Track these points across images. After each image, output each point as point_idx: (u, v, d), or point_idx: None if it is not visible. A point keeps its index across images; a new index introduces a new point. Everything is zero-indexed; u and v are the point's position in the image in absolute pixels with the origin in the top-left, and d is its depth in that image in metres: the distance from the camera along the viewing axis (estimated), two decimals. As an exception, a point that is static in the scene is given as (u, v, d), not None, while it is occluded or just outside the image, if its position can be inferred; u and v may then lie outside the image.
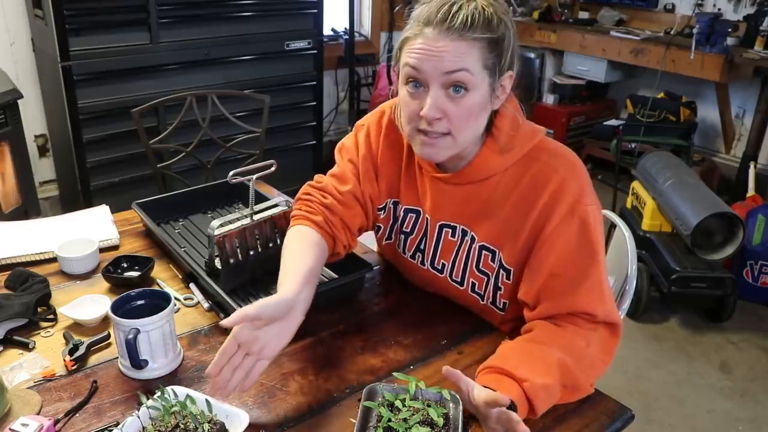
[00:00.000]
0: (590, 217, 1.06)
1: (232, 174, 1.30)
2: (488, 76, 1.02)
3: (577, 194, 1.06)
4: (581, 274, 1.05)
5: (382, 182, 1.26)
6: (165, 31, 2.84)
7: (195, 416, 0.89)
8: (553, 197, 1.06)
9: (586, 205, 1.06)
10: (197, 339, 1.16)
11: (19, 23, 2.95)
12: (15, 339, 1.13)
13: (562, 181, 1.07)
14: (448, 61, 0.98)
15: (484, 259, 1.16)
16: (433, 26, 0.99)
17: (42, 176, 3.26)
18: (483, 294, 1.20)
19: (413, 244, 1.27)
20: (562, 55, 4.44)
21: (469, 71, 0.99)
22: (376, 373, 1.07)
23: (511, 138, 1.10)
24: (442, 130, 1.03)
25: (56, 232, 1.50)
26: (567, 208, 1.06)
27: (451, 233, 1.19)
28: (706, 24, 3.48)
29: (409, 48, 1.02)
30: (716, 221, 2.64)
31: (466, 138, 1.06)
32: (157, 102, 2.16)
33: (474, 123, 1.05)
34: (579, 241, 1.06)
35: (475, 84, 1.01)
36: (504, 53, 1.02)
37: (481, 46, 0.99)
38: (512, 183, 1.11)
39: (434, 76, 1.00)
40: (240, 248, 1.29)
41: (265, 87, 3.07)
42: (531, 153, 1.10)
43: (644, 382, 2.41)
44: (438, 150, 1.06)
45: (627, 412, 1.01)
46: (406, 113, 1.07)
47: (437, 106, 1.01)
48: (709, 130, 4.12)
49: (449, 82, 1.00)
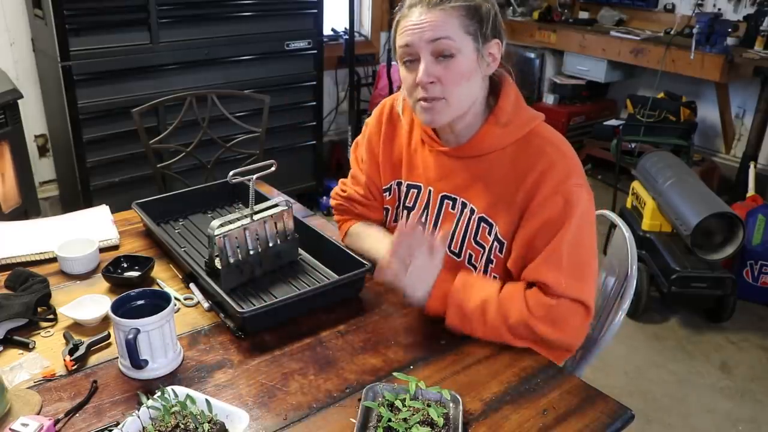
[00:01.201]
0: (574, 196, 1.13)
1: (232, 174, 1.30)
2: (472, 41, 1.13)
3: (564, 175, 1.14)
4: (551, 247, 1.12)
5: (385, 165, 1.38)
6: (165, 31, 2.84)
7: (195, 416, 0.89)
8: (541, 174, 1.15)
9: (572, 185, 1.14)
10: (197, 339, 1.16)
11: (19, 23, 2.95)
12: (15, 339, 1.13)
13: (551, 162, 1.15)
14: (431, 30, 1.10)
15: (481, 232, 1.23)
16: (417, 5, 1.13)
17: (42, 176, 3.26)
18: (477, 266, 1.25)
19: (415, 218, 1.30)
20: (562, 55, 4.44)
21: (451, 37, 1.11)
22: (376, 373, 1.07)
23: (513, 116, 1.20)
24: (436, 93, 1.13)
25: (56, 232, 1.50)
26: (552, 186, 1.14)
27: (452, 205, 1.27)
28: (706, 24, 3.48)
29: (401, 30, 1.15)
30: (716, 221, 2.64)
31: (460, 100, 1.16)
32: (157, 102, 2.16)
33: (466, 85, 1.15)
34: (558, 218, 1.13)
35: (459, 48, 1.11)
36: (484, 20, 1.13)
37: (460, 14, 1.11)
38: (508, 161, 1.20)
39: (422, 46, 1.12)
40: (240, 248, 1.29)
41: (265, 87, 3.06)
42: (528, 137, 1.19)
43: (644, 382, 2.41)
44: (436, 113, 1.16)
45: (627, 412, 1.01)
46: (406, 87, 1.19)
47: (428, 71, 1.12)
48: (709, 130, 4.12)
49: (436, 50, 1.11)
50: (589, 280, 1.15)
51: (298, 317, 1.22)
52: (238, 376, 1.06)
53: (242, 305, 1.18)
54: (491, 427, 0.96)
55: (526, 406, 1.01)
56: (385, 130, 1.38)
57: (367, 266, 1.28)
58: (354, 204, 1.43)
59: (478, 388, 1.04)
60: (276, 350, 1.13)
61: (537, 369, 1.10)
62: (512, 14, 4.76)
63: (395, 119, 1.37)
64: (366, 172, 1.42)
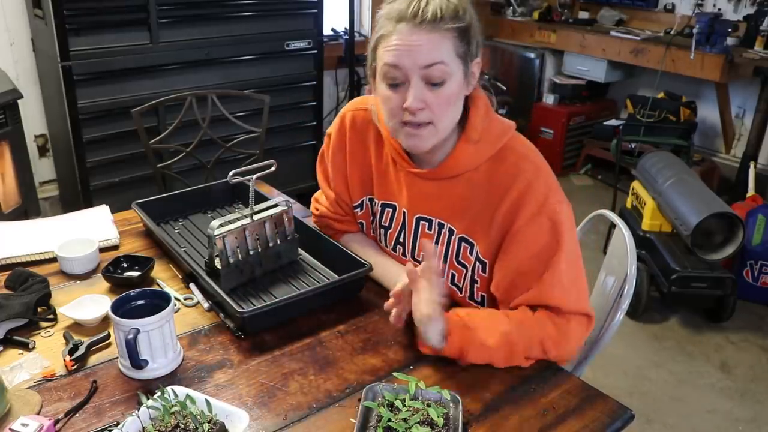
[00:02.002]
0: (559, 215, 1.10)
1: (232, 174, 1.30)
2: (462, 65, 1.08)
3: (544, 194, 1.11)
4: (549, 269, 1.10)
5: (354, 180, 1.34)
6: (165, 31, 2.84)
7: (195, 416, 0.89)
8: (520, 195, 1.11)
9: (553, 203, 1.11)
10: (197, 339, 1.16)
11: (19, 23, 2.95)
12: (15, 339, 1.13)
13: (528, 182, 1.11)
14: (425, 54, 1.04)
15: (463, 252, 1.20)
16: (406, 22, 1.04)
17: (42, 176, 3.26)
18: (461, 286, 1.23)
19: (392, 237, 1.32)
20: (562, 55, 4.44)
21: (445, 62, 1.05)
22: (376, 373, 1.07)
23: (484, 132, 1.16)
24: (425, 119, 1.08)
25: (56, 232, 1.49)
26: (535, 207, 1.10)
27: (428, 226, 1.24)
28: (706, 24, 3.48)
29: (385, 46, 1.07)
30: (716, 221, 2.64)
31: (446, 125, 1.12)
32: (157, 102, 2.16)
33: (453, 109, 1.11)
34: (548, 239, 1.10)
35: (451, 74, 1.07)
36: (472, 41, 1.09)
37: (453, 36, 1.05)
38: (483, 180, 1.16)
39: (414, 70, 1.05)
40: (240, 248, 1.29)
41: (265, 87, 3.06)
42: (501, 152, 1.15)
43: (644, 382, 2.41)
44: (422, 140, 1.11)
45: (627, 412, 1.01)
46: (388, 108, 1.12)
47: (419, 97, 1.06)
48: (709, 130, 4.12)
49: (429, 76, 1.05)
50: (585, 289, 1.15)
51: (298, 317, 1.22)
52: (238, 376, 1.06)
53: (242, 305, 1.18)
54: (491, 427, 0.96)
55: (526, 406, 1.01)
56: (351, 143, 1.32)
57: (367, 266, 1.27)
58: (330, 221, 1.41)
59: (478, 388, 1.04)
60: (276, 350, 1.13)
61: (537, 369, 1.10)
62: (512, 14, 4.76)
63: (360, 130, 1.31)
64: (334, 189, 1.38)
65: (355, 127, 1.31)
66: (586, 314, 1.13)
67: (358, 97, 1.36)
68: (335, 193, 1.38)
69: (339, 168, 1.36)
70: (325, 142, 1.39)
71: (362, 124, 1.30)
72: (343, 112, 1.34)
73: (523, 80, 4.61)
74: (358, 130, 1.31)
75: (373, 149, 1.29)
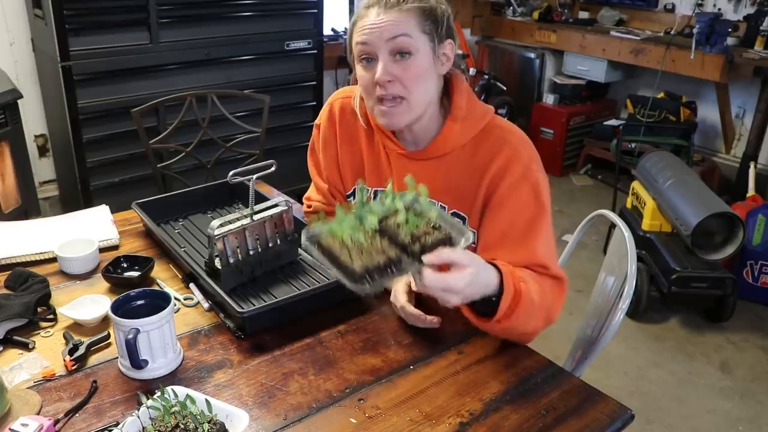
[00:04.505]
0: (540, 183, 1.18)
1: (232, 174, 1.30)
2: (428, 41, 1.15)
3: (528, 162, 1.18)
4: (534, 231, 1.16)
5: (346, 168, 1.37)
6: (165, 31, 2.84)
7: (195, 416, 0.89)
8: (506, 161, 1.18)
9: (535, 171, 1.18)
10: (197, 339, 1.16)
11: (19, 23, 2.95)
12: (15, 339, 1.13)
13: (514, 149, 1.19)
14: (389, 29, 1.12)
15: None
16: (374, 6, 1.15)
17: (42, 176, 3.26)
18: None
19: None
20: (562, 55, 4.44)
21: (408, 35, 1.13)
22: (376, 373, 1.07)
23: (468, 111, 1.23)
24: (396, 92, 1.15)
25: (56, 232, 1.49)
26: (519, 173, 1.17)
27: None
28: (706, 24, 3.48)
29: (358, 29, 1.17)
30: (716, 221, 2.64)
31: (418, 100, 1.17)
32: (157, 102, 2.16)
33: (423, 85, 1.17)
34: (531, 201, 1.17)
35: (417, 47, 1.14)
36: (439, 21, 1.16)
37: (416, 14, 1.13)
38: (468, 156, 1.23)
39: (380, 45, 1.13)
40: (240, 248, 1.29)
41: (265, 87, 3.06)
42: (486, 129, 1.23)
43: (644, 382, 2.41)
44: (396, 117, 1.17)
45: (627, 412, 1.01)
46: (363, 86, 1.20)
47: (387, 69, 1.13)
48: (709, 130, 4.12)
49: (394, 49, 1.13)
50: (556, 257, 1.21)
51: (298, 317, 1.22)
52: (238, 376, 1.06)
53: (242, 305, 1.18)
54: (491, 427, 0.96)
55: (526, 406, 1.01)
56: (341, 131, 1.36)
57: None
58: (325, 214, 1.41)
59: (478, 388, 1.04)
60: (276, 350, 1.13)
61: (537, 369, 1.10)
62: (512, 14, 4.76)
63: (349, 119, 1.35)
64: (327, 179, 1.40)
65: (344, 115, 1.36)
66: (561, 278, 1.18)
67: (345, 87, 1.40)
68: (328, 183, 1.41)
69: (331, 157, 1.39)
70: (314, 134, 1.43)
71: (351, 112, 1.35)
72: (331, 101, 1.39)
73: (523, 80, 4.61)
74: (348, 118, 1.36)
75: (363, 137, 1.34)
